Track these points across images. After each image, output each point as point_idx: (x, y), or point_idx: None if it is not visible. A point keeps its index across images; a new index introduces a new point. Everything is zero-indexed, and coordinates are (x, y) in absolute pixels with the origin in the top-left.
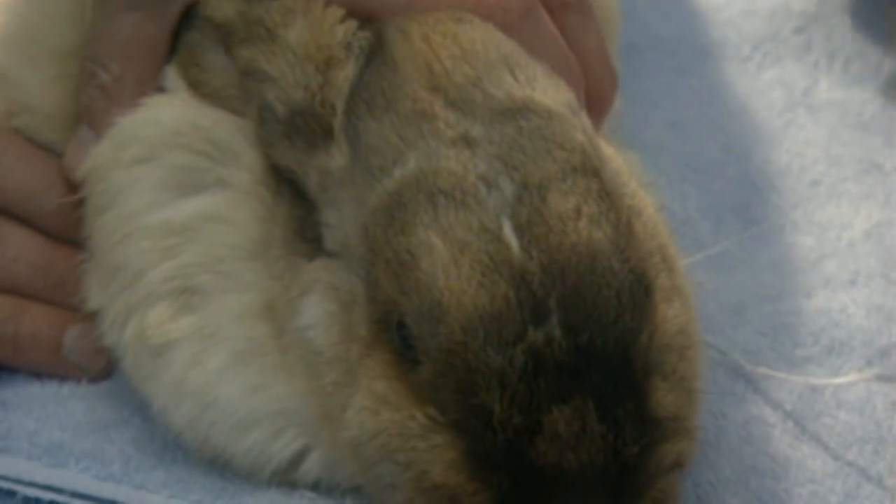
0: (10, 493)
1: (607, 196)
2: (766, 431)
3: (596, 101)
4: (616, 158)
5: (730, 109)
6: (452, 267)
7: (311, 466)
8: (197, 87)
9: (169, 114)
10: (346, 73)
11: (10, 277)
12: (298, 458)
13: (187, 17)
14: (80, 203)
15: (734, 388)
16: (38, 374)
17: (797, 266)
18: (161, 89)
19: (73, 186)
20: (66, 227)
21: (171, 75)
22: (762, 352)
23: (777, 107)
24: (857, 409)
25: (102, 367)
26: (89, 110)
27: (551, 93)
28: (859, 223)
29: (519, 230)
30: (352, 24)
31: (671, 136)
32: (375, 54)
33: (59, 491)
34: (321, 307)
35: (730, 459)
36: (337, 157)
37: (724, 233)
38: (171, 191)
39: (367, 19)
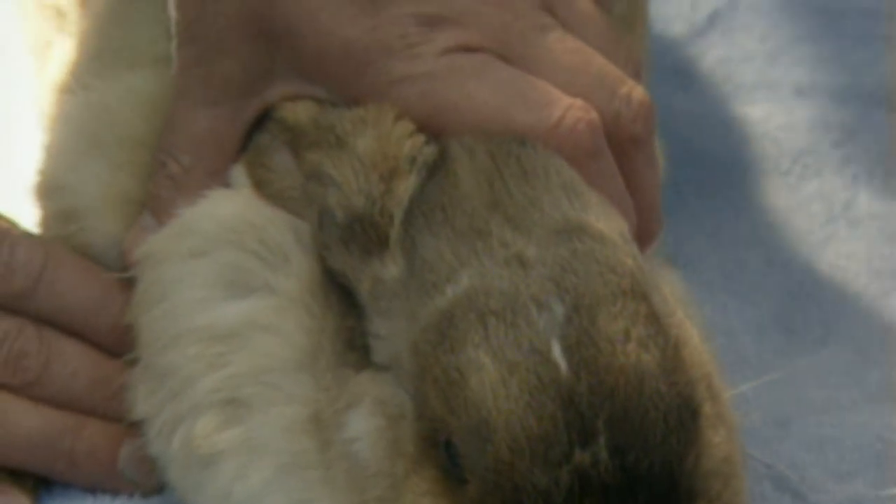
0: None
1: (655, 320)
2: None
3: (643, 236)
4: (663, 287)
5: (770, 222)
6: (501, 387)
7: None
8: (261, 187)
9: (228, 210)
10: (407, 185)
11: (67, 392)
12: None
13: (260, 119)
14: None
15: (780, 502)
16: (92, 489)
17: (840, 379)
18: (227, 185)
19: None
20: (122, 343)
21: (238, 172)
22: (807, 465)
23: (818, 220)
24: None
25: (156, 483)
26: (156, 199)
27: (605, 220)
28: None
29: (568, 351)
30: (419, 138)
31: (712, 250)
32: (438, 169)
33: None
34: (368, 421)
35: None
36: (391, 268)
37: (766, 345)
38: (221, 290)
39: (435, 134)
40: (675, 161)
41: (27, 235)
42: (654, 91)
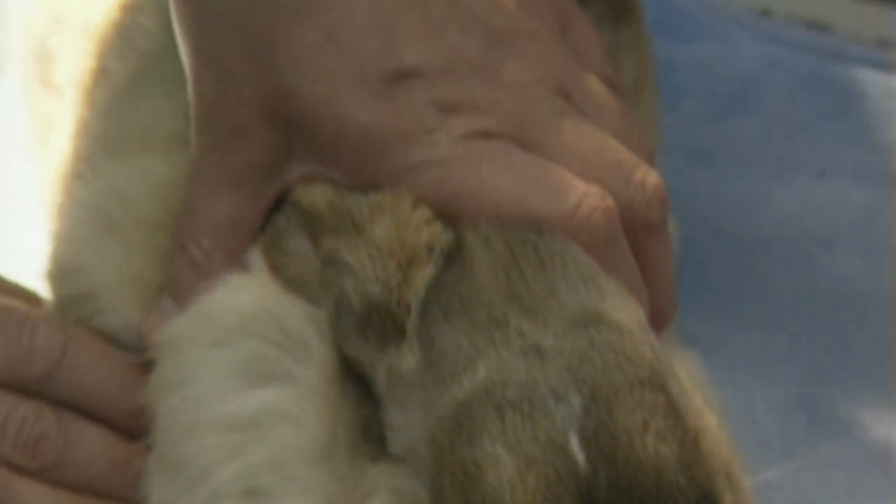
0: None
1: (674, 411)
2: None
3: (658, 319)
4: (681, 371)
5: (793, 302)
6: (518, 481)
7: None
8: (277, 271)
9: (248, 299)
10: (424, 275)
11: (86, 476)
12: None
13: (278, 202)
14: None
15: None
16: None
17: (866, 465)
18: (245, 267)
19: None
20: (142, 427)
21: (255, 255)
22: None
23: (842, 300)
24: None
25: None
26: (176, 282)
27: (622, 308)
28: None
29: (586, 444)
30: (437, 226)
31: (735, 330)
32: (455, 258)
33: None
34: None
35: None
36: (408, 358)
37: (790, 429)
38: (241, 380)
39: (452, 220)
40: (698, 240)
41: (47, 319)
42: (675, 169)
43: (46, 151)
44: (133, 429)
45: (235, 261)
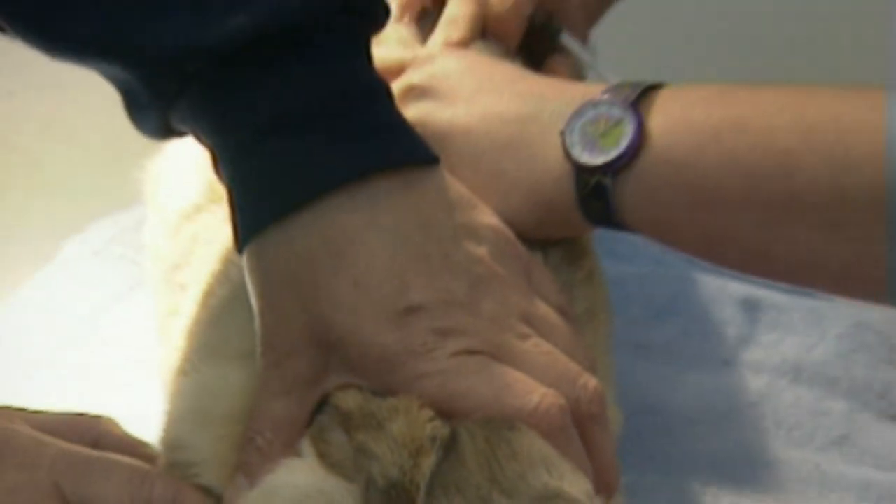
0: None
1: None
2: None
3: (604, 488)
4: None
5: (706, 459)
6: None
7: None
8: (322, 457)
9: (302, 479)
10: (429, 462)
11: None
12: None
13: (321, 404)
14: None
15: None
16: None
17: None
18: (298, 453)
19: None
20: None
21: (305, 444)
22: None
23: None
24: None
25: None
26: (247, 465)
27: (576, 485)
28: None
29: None
30: (438, 422)
31: (663, 481)
32: (451, 448)
33: None
34: None
35: None
36: None
37: None
38: None
39: (448, 417)
40: (635, 413)
41: (162, 475)
42: (623, 361)
43: (166, 339)
44: None
45: (290, 449)
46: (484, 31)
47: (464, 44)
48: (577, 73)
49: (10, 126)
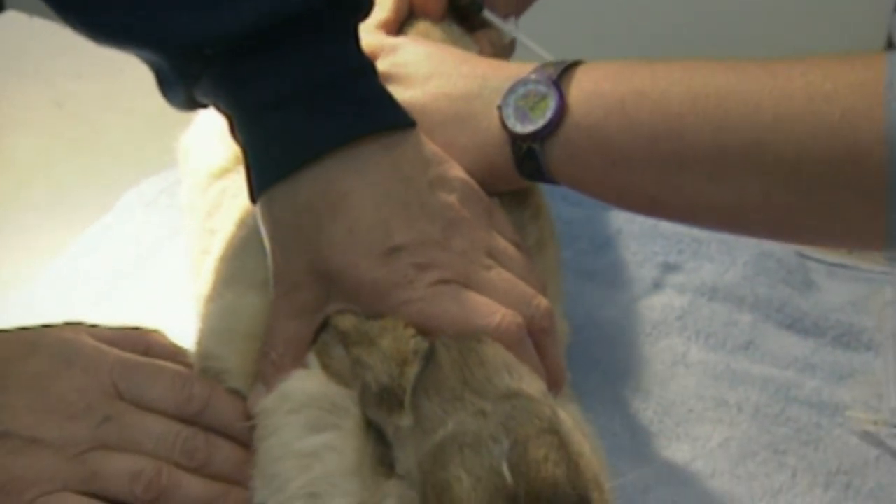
0: None
1: (564, 446)
2: None
3: (554, 386)
4: (568, 420)
5: (636, 365)
6: (472, 492)
7: None
8: (325, 368)
9: (309, 385)
10: (413, 370)
11: (222, 471)
12: None
13: (323, 325)
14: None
15: None
16: None
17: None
18: (305, 366)
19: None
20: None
21: (312, 358)
22: None
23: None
24: None
25: None
26: (263, 375)
27: (532, 385)
28: None
29: (511, 469)
30: (419, 339)
31: (605, 384)
32: (430, 359)
33: None
34: None
35: None
36: (405, 420)
37: (638, 440)
38: (308, 430)
39: (426, 334)
40: (582, 327)
41: (199, 377)
42: (569, 284)
43: (197, 275)
44: (249, 442)
45: (299, 361)
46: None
47: (391, 23)
48: (500, 44)
49: (80, 102)
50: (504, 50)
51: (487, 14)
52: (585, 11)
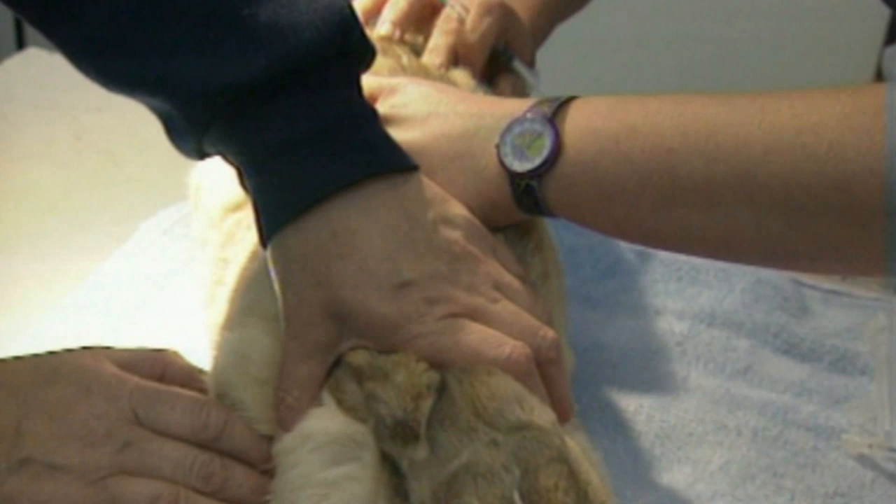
0: None
1: (573, 475)
2: None
3: (561, 416)
4: (576, 449)
5: (641, 387)
6: None
7: None
8: (340, 404)
9: (327, 424)
10: (427, 403)
11: (238, 495)
12: None
13: (336, 363)
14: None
15: None
16: None
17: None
18: (320, 402)
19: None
20: (269, 467)
21: (326, 395)
22: None
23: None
24: None
25: None
26: (282, 420)
27: (542, 416)
28: None
29: (523, 498)
30: (432, 372)
31: (606, 411)
32: (443, 392)
33: None
34: None
35: None
36: (420, 452)
37: (640, 465)
38: (328, 463)
39: (438, 367)
40: (586, 351)
41: (216, 403)
42: (574, 312)
43: (211, 305)
44: (264, 470)
45: (315, 401)
46: (456, 58)
47: (443, 68)
48: (521, 91)
49: (99, 135)
50: (523, 95)
51: (517, 64)
52: (590, 53)
